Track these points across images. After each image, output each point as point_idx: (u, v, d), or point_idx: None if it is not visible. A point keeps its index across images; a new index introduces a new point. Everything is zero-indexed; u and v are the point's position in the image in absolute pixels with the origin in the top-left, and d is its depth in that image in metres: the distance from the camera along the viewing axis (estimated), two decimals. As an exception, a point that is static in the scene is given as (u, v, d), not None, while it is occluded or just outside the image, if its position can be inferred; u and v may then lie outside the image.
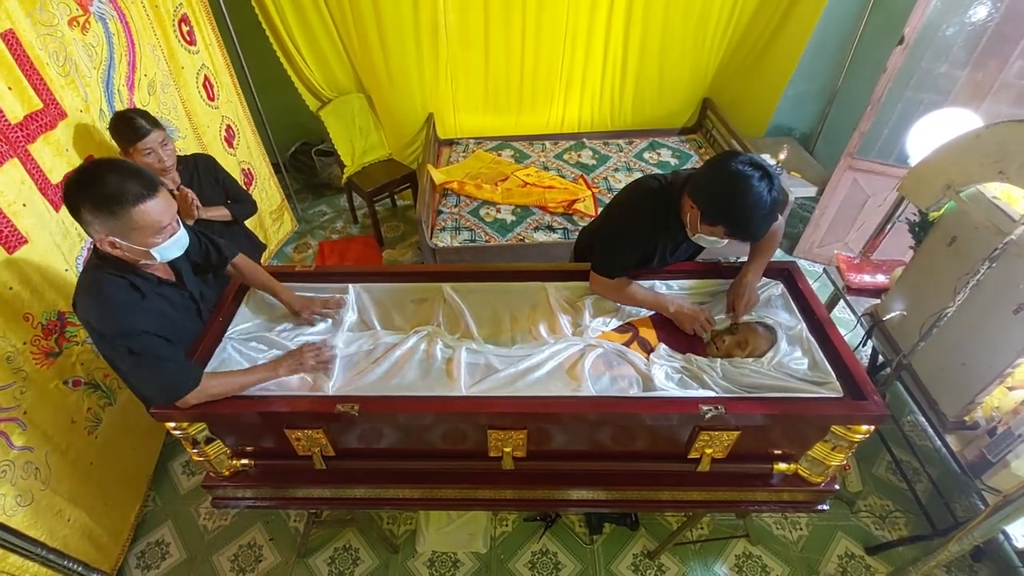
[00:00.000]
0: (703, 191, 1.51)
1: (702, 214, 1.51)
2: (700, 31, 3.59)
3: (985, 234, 1.62)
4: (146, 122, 1.95)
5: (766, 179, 1.41)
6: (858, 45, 3.50)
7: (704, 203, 1.50)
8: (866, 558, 2.18)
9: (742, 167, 1.41)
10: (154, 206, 1.30)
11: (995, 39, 2.58)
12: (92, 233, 1.32)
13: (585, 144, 3.98)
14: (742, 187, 1.40)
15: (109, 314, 1.37)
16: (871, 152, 3.05)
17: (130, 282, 1.41)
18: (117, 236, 1.31)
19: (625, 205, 1.76)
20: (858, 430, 1.42)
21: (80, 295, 1.42)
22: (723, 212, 1.48)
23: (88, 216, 1.28)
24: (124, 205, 1.26)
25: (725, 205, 1.46)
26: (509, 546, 2.24)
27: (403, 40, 3.42)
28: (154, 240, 1.35)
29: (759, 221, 1.45)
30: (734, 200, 1.43)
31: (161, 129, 2.00)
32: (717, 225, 1.50)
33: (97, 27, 2.13)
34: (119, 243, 1.32)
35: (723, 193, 1.45)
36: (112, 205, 1.26)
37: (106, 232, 1.30)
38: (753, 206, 1.41)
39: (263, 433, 1.57)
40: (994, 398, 1.69)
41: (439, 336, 1.65)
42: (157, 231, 1.34)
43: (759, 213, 1.42)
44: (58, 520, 1.87)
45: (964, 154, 1.66)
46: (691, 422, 1.45)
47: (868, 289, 2.30)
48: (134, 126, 1.93)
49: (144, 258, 1.37)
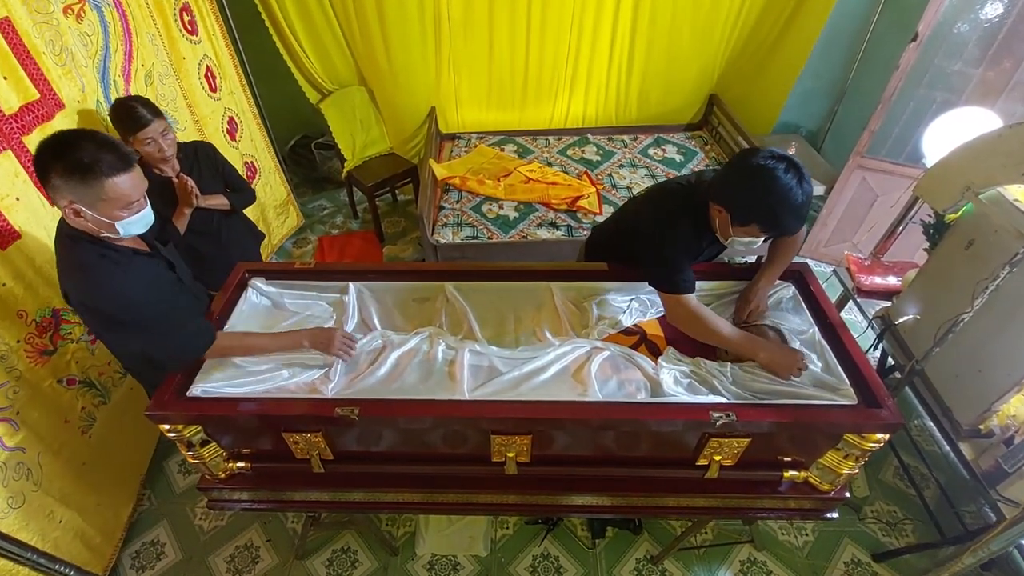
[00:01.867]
0: (729, 192, 1.45)
1: (732, 216, 1.45)
2: (708, 26, 3.53)
3: (1005, 238, 1.57)
4: (147, 111, 1.91)
5: (792, 169, 1.35)
6: (869, 42, 3.45)
7: (732, 204, 1.44)
8: (873, 565, 2.14)
9: (764, 161, 1.35)
10: (126, 180, 1.30)
11: (1011, 37, 2.53)
12: (58, 199, 1.29)
13: (589, 140, 3.92)
14: (768, 180, 1.34)
15: (104, 291, 1.36)
16: (881, 151, 3.00)
17: (104, 254, 1.38)
18: (83, 205, 1.29)
19: (661, 215, 1.63)
20: (872, 438, 1.38)
21: (67, 278, 1.41)
22: (753, 210, 1.41)
23: (57, 181, 1.25)
24: (97, 175, 1.26)
25: (754, 202, 1.40)
26: (510, 549, 2.21)
27: (406, 32, 3.36)
28: (120, 214, 1.33)
29: (793, 212, 1.37)
30: (763, 195, 1.36)
31: (162, 118, 1.96)
32: (750, 224, 1.43)
33: (92, 15, 2.07)
34: (84, 212, 1.30)
35: (750, 191, 1.39)
36: (85, 173, 1.25)
37: (72, 199, 1.28)
38: (783, 198, 1.34)
39: (260, 436, 1.53)
40: (1011, 406, 1.65)
41: (441, 337, 1.61)
42: (125, 205, 1.33)
43: (791, 204, 1.35)
44: (49, 521, 1.83)
45: (985, 155, 1.62)
46: (701, 429, 1.41)
47: (879, 291, 2.26)
48: (135, 115, 1.89)
49: (107, 230, 1.35)
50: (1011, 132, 1.53)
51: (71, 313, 1.93)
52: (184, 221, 2.09)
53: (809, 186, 1.37)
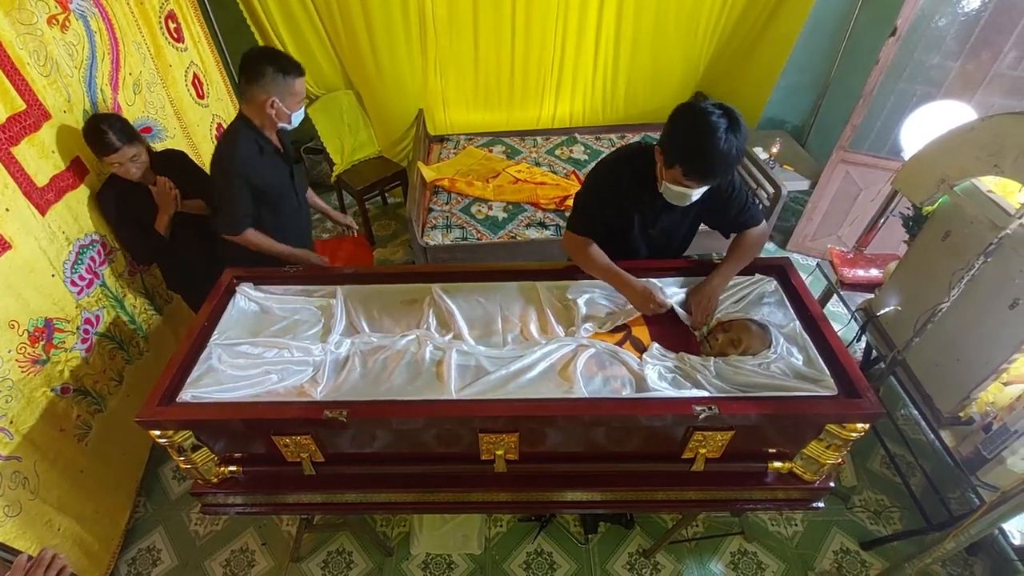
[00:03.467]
0: (665, 134, 1.47)
1: (664, 157, 1.47)
2: (692, 23, 3.56)
3: (980, 228, 1.61)
4: (117, 138, 1.93)
5: (727, 116, 1.34)
6: (850, 37, 3.49)
7: (664, 143, 1.47)
8: (861, 553, 2.18)
9: (704, 106, 1.37)
10: (303, 81, 1.88)
11: (988, 30, 2.57)
12: (259, 94, 1.82)
13: (577, 139, 3.95)
14: (698, 119, 1.35)
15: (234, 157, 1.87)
16: (863, 145, 3.03)
17: (258, 142, 1.91)
18: (278, 98, 1.83)
19: (605, 161, 1.73)
20: (853, 428, 1.40)
21: (219, 145, 1.95)
22: (678, 148, 1.42)
23: (270, 76, 1.79)
24: (295, 75, 1.82)
25: (680, 140, 1.41)
26: (504, 547, 2.23)
27: (391, 35, 3.38)
28: (296, 107, 1.89)
29: (715, 156, 1.36)
30: (689, 133, 1.38)
31: (135, 143, 1.98)
32: (674, 166, 1.44)
33: (78, 25, 2.08)
34: (277, 104, 1.84)
35: (680, 129, 1.41)
36: (290, 70, 1.81)
37: (272, 92, 1.82)
38: (706, 138, 1.33)
39: (250, 440, 1.55)
40: (989, 393, 1.68)
41: (429, 338, 1.63)
42: (299, 101, 1.90)
43: (714, 146, 1.33)
44: (48, 529, 1.85)
45: (959, 147, 1.65)
46: (684, 423, 1.43)
47: (862, 284, 2.30)
48: (104, 141, 1.92)
49: (283, 120, 1.89)
50: (983, 125, 1.57)
51: (64, 322, 1.95)
52: (165, 224, 2.10)
53: (740, 139, 1.36)
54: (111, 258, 2.21)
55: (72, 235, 2.00)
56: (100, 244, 2.14)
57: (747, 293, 1.76)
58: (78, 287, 2.03)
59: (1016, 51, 2.55)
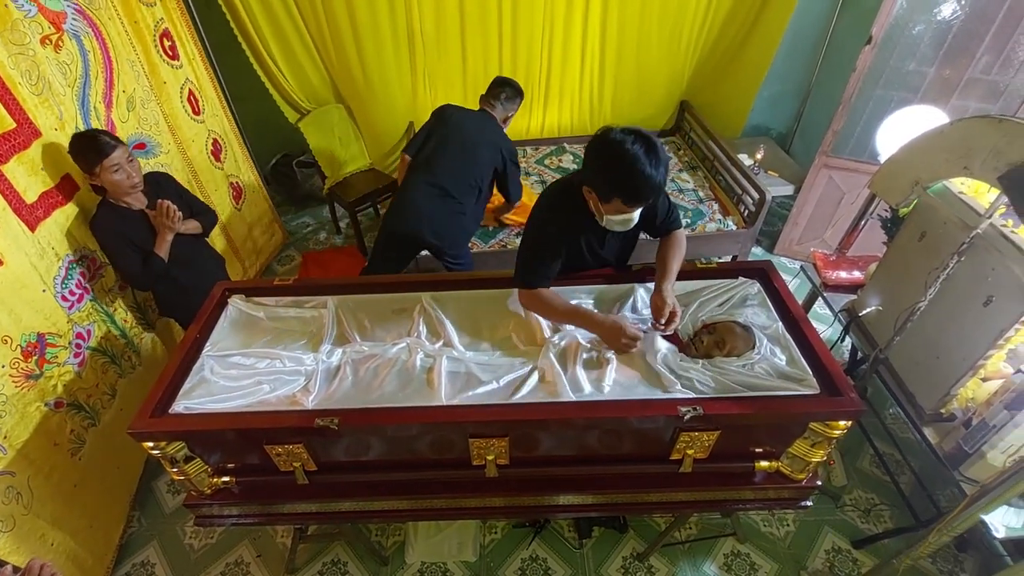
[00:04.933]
0: (589, 172, 1.51)
1: (598, 194, 1.51)
2: (675, 34, 3.63)
3: (953, 228, 1.65)
4: (109, 138, 1.94)
5: (640, 140, 1.40)
6: (829, 45, 3.57)
7: (593, 183, 1.50)
8: (853, 552, 2.20)
9: (613, 135, 1.42)
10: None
11: (961, 36, 2.64)
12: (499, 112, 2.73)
13: (566, 149, 4.01)
14: (618, 152, 1.40)
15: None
16: (845, 150, 3.10)
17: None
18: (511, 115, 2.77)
19: (536, 214, 1.73)
20: (836, 426, 1.44)
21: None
22: (611, 183, 1.46)
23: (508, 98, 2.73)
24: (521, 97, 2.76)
25: (610, 176, 1.45)
26: (499, 553, 2.24)
27: (380, 49, 3.43)
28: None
29: (646, 181, 1.41)
30: (615, 168, 1.42)
31: (124, 146, 1.99)
32: (613, 199, 1.48)
33: (71, 44, 2.12)
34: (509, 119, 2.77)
35: (604, 166, 1.45)
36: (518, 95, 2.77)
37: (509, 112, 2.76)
38: (632, 167, 1.39)
39: (243, 450, 1.56)
40: (968, 389, 1.72)
41: (419, 346, 1.65)
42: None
43: (642, 172, 1.40)
44: (41, 544, 1.85)
45: (930, 150, 1.70)
46: (671, 424, 1.46)
47: (844, 285, 2.34)
48: (99, 143, 1.92)
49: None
50: (952, 128, 1.62)
51: (56, 337, 1.96)
52: (166, 248, 2.11)
53: (661, 155, 1.42)
54: (100, 273, 2.23)
55: (62, 251, 2.02)
56: (89, 259, 2.16)
57: (731, 296, 1.79)
58: (69, 302, 2.04)
59: (989, 56, 2.62)
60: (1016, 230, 1.54)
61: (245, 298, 1.83)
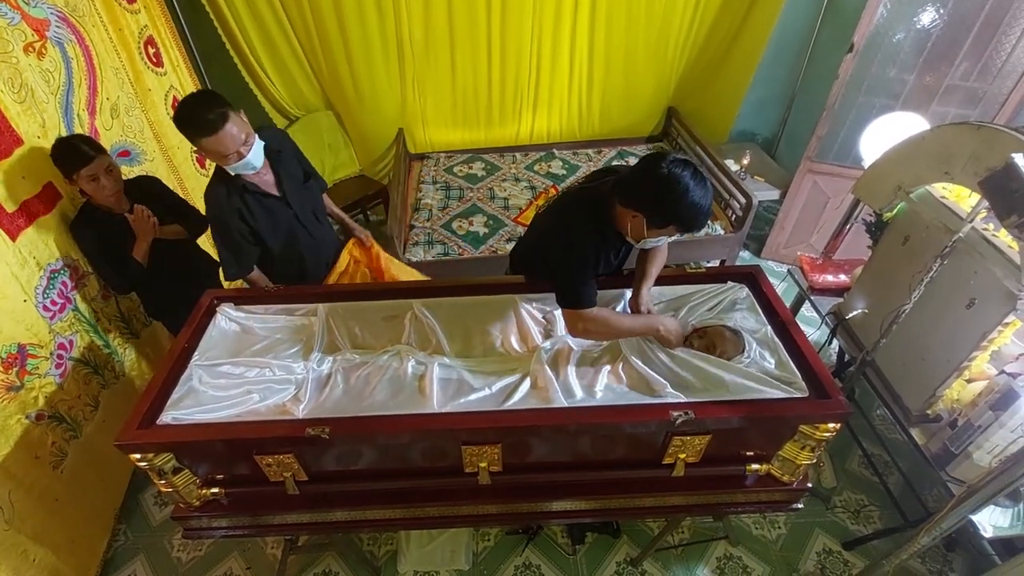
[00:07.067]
0: (643, 199, 1.52)
1: (648, 220, 1.53)
2: (662, 41, 3.68)
3: (935, 232, 1.68)
4: (89, 148, 1.92)
5: (696, 175, 1.46)
6: (812, 52, 3.63)
7: (648, 210, 1.52)
8: (844, 553, 2.22)
9: (672, 168, 1.44)
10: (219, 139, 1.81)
11: (940, 43, 2.70)
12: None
13: (555, 155, 4.03)
14: (682, 187, 1.43)
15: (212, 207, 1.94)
16: (829, 155, 3.15)
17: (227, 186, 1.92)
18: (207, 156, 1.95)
19: (563, 226, 1.71)
20: (824, 428, 1.45)
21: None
22: (672, 215, 1.49)
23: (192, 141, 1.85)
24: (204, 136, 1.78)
25: (672, 208, 1.48)
26: (492, 561, 2.23)
27: (369, 56, 3.43)
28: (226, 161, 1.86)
29: (704, 214, 1.49)
30: (679, 201, 1.45)
31: (105, 155, 1.96)
32: (668, 226, 1.53)
33: (54, 52, 2.09)
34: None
35: (666, 198, 1.47)
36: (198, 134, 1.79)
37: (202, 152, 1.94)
38: (697, 202, 1.45)
39: (232, 460, 1.54)
40: (953, 391, 1.75)
41: (410, 354, 1.64)
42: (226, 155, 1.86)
43: (702, 207, 1.47)
44: (23, 561, 1.81)
45: (911, 156, 1.73)
46: (663, 428, 1.47)
47: (831, 289, 2.37)
48: (78, 152, 1.89)
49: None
50: (932, 135, 1.65)
51: (37, 348, 1.93)
52: (144, 252, 2.09)
53: (707, 183, 1.50)
54: (83, 282, 2.19)
55: (43, 260, 1.98)
56: (71, 269, 2.12)
57: (720, 300, 1.81)
58: (50, 312, 2.01)
59: (967, 63, 2.68)
60: (997, 234, 1.58)
61: (234, 306, 1.81)
